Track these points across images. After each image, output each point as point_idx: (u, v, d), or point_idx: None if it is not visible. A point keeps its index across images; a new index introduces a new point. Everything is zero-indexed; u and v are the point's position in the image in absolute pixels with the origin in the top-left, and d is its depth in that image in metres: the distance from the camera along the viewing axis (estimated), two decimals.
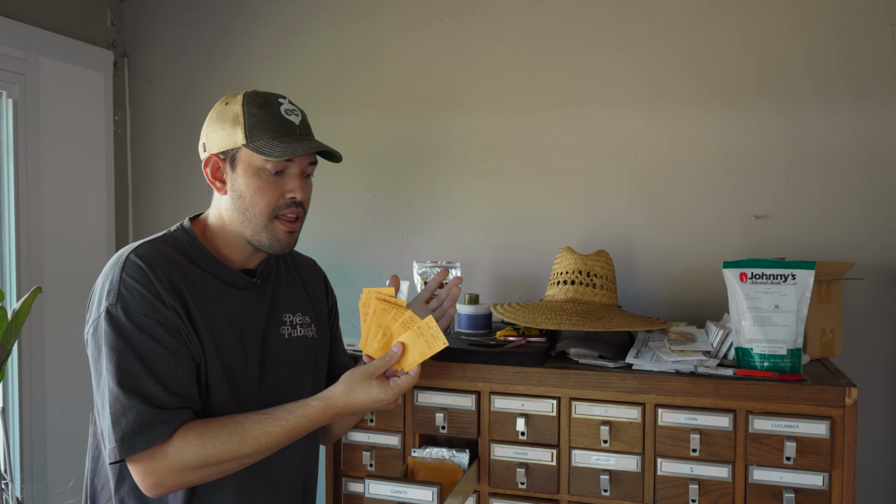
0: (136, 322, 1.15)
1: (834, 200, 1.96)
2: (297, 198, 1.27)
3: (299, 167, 1.28)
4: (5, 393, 2.13)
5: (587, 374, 1.54)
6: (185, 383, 1.17)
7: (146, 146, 2.59)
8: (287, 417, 1.19)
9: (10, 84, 2.13)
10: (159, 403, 1.13)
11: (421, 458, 1.59)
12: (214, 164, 1.29)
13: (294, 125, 1.27)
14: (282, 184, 1.26)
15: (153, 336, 1.16)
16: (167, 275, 1.21)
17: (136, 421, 1.11)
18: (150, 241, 1.27)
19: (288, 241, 1.29)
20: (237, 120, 1.25)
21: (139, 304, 1.16)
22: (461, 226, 2.26)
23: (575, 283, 1.76)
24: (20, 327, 1.70)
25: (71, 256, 2.34)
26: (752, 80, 2.01)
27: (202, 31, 2.50)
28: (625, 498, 1.52)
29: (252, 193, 1.26)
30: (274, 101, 1.27)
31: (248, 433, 1.17)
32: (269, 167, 1.25)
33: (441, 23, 2.26)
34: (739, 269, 1.55)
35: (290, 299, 1.41)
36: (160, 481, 1.14)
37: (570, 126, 2.16)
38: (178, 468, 1.14)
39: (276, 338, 1.35)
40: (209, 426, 1.16)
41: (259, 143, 1.24)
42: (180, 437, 1.13)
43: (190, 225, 1.32)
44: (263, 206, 1.26)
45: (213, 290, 1.27)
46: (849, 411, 1.40)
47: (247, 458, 1.18)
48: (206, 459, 1.14)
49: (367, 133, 2.34)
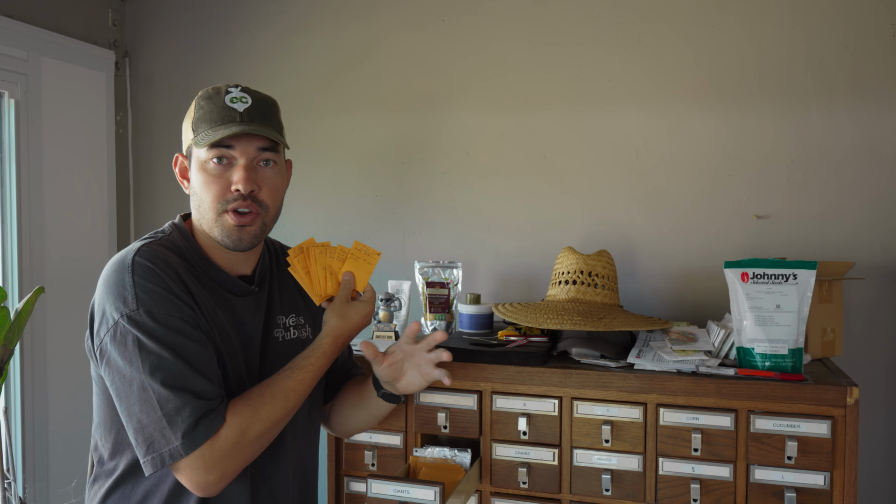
0: (164, 323, 1.14)
1: (835, 200, 1.96)
2: (241, 189, 1.20)
3: (245, 156, 1.21)
4: (7, 392, 2.13)
5: (589, 373, 1.54)
6: (218, 372, 1.20)
7: (147, 146, 2.59)
8: (309, 361, 1.26)
9: (12, 84, 2.13)
10: (208, 395, 1.14)
11: (423, 457, 1.59)
12: (181, 164, 1.29)
13: (236, 112, 1.21)
14: (227, 175, 1.21)
15: (183, 333, 1.15)
16: (177, 274, 1.20)
17: (193, 415, 1.11)
18: (151, 242, 1.24)
19: (239, 236, 1.23)
20: (189, 115, 1.25)
21: (161, 306, 1.14)
22: (462, 226, 2.26)
23: (576, 283, 1.76)
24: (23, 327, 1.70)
25: (73, 256, 2.34)
26: (754, 80, 2.01)
27: (203, 31, 2.51)
28: (626, 497, 1.52)
29: (201, 188, 1.22)
30: (222, 91, 1.24)
31: (286, 388, 1.21)
32: (210, 157, 1.21)
33: (442, 23, 2.26)
34: (741, 269, 1.55)
35: (283, 301, 1.39)
36: (223, 471, 1.14)
37: (571, 126, 2.16)
38: (239, 445, 1.14)
39: (271, 341, 1.34)
40: (250, 396, 1.19)
41: (199, 135, 1.21)
42: (232, 415, 1.15)
43: (183, 224, 1.29)
44: (210, 200, 1.22)
45: (215, 297, 1.26)
46: (850, 411, 1.40)
47: (291, 411, 1.23)
48: (262, 425, 1.17)
49: (368, 133, 2.34)
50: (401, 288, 2.05)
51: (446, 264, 2.05)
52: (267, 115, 1.25)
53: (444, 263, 2.06)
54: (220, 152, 1.21)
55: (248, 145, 1.22)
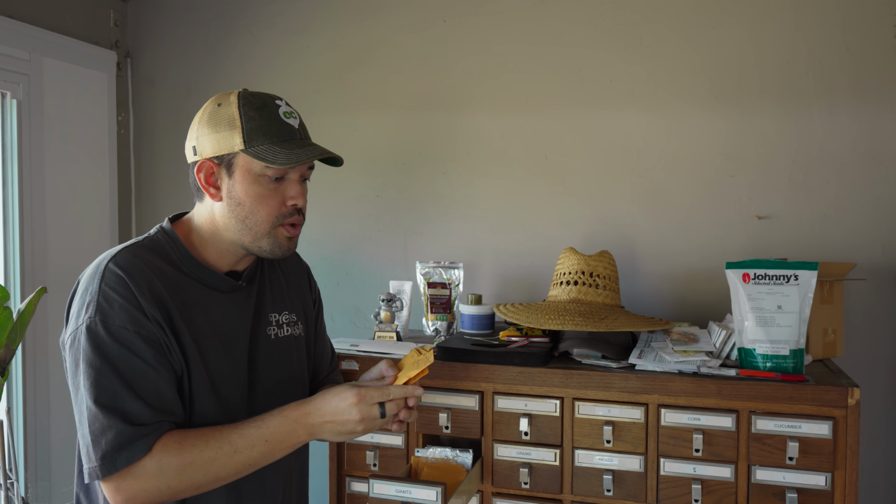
0: (116, 335, 1.11)
1: (836, 201, 1.97)
2: (298, 205, 1.23)
3: (299, 172, 1.23)
4: (10, 392, 2.14)
5: (590, 374, 1.54)
6: (166, 396, 1.14)
7: (149, 146, 2.60)
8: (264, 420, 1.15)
9: (14, 84, 2.13)
10: (139, 420, 1.10)
11: (424, 457, 1.59)
12: (209, 170, 1.22)
13: (294, 129, 1.22)
14: (282, 190, 1.21)
15: (133, 349, 1.12)
16: (149, 283, 1.16)
17: (117, 440, 1.09)
18: (130, 246, 1.22)
19: (289, 247, 1.26)
20: (233, 123, 1.19)
21: (119, 317, 1.12)
22: (464, 226, 2.27)
23: (578, 284, 1.76)
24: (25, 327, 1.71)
25: (74, 256, 2.34)
26: (755, 80, 2.01)
27: (205, 32, 2.51)
28: (628, 498, 1.52)
29: (252, 201, 1.20)
30: (271, 104, 1.22)
31: (226, 438, 1.13)
32: (270, 174, 1.20)
33: (444, 24, 2.27)
34: (742, 270, 1.56)
35: (275, 298, 1.37)
36: (132, 497, 1.11)
37: (572, 126, 2.16)
38: (155, 480, 1.10)
39: (263, 339, 1.31)
40: (188, 434, 1.13)
41: (259, 148, 1.18)
42: (160, 447, 1.11)
43: (171, 227, 1.27)
44: (265, 215, 1.21)
45: (198, 296, 1.23)
46: (851, 412, 1.40)
47: (224, 467, 1.13)
48: (184, 468, 1.11)
49: (369, 133, 2.34)
50: (402, 288, 2.05)
51: (448, 265, 2.06)
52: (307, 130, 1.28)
53: (446, 264, 2.06)
54: (281, 172, 1.20)
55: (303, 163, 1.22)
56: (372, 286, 2.32)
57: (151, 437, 1.10)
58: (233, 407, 1.24)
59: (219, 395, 1.22)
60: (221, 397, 1.22)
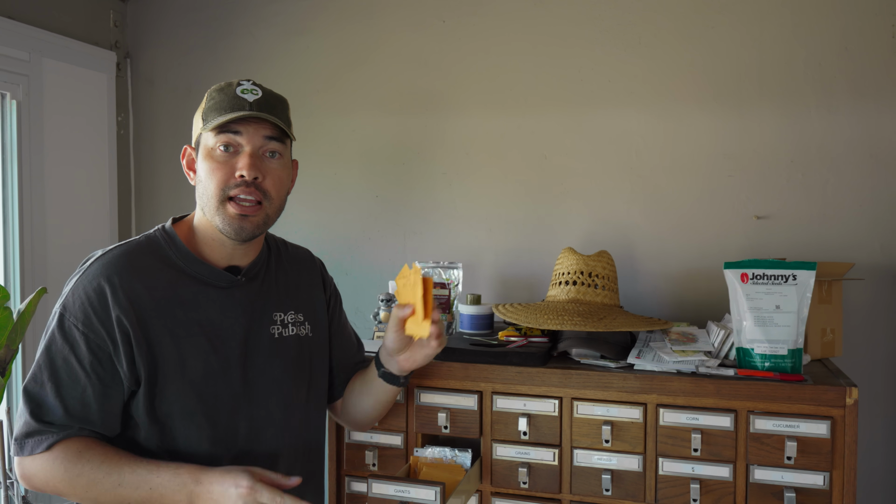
0: (66, 331, 1.16)
1: (835, 201, 1.97)
2: (244, 175, 1.20)
3: (251, 144, 1.21)
4: (10, 393, 2.14)
5: (589, 374, 1.54)
6: (88, 405, 1.16)
7: (149, 147, 2.60)
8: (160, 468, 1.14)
9: (14, 85, 2.14)
10: (48, 419, 1.15)
11: (423, 457, 1.60)
12: (189, 156, 1.29)
13: (245, 101, 1.21)
14: (233, 163, 1.21)
15: (74, 349, 1.16)
16: (128, 285, 1.18)
17: (24, 429, 1.16)
18: (122, 245, 1.25)
19: (241, 225, 1.21)
20: (200, 107, 1.26)
21: (76, 314, 1.16)
22: (463, 226, 2.27)
23: (577, 284, 1.77)
24: (25, 328, 1.71)
25: (74, 256, 2.33)
26: (754, 80, 2.01)
27: (205, 32, 2.51)
28: (626, 497, 1.53)
29: (206, 175, 1.22)
30: (234, 84, 1.24)
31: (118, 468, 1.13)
32: (217, 144, 1.20)
33: (443, 24, 2.27)
34: (740, 270, 1.56)
35: (281, 297, 1.36)
36: (27, 478, 1.17)
37: (571, 127, 2.16)
38: (45, 475, 1.16)
39: (264, 337, 1.30)
40: (92, 448, 1.15)
41: (208, 122, 1.21)
42: (60, 450, 1.14)
43: (171, 226, 1.29)
44: (214, 187, 1.20)
45: (189, 293, 1.23)
46: (849, 411, 1.40)
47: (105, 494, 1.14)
48: (70, 478, 1.14)
49: (368, 133, 2.34)
50: None
51: (447, 265, 2.06)
52: (276, 108, 1.26)
53: (445, 264, 2.07)
54: (228, 139, 1.21)
55: (254, 133, 1.22)
56: (371, 286, 2.32)
57: (52, 437, 1.15)
58: (222, 405, 1.24)
59: (202, 393, 1.22)
60: (207, 395, 1.22)
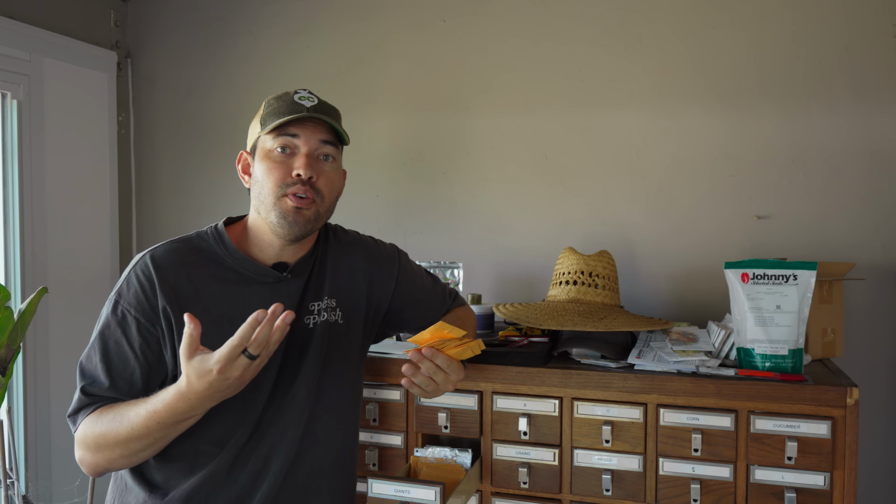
0: (119, 315, 1.23)
1: (835, 201, 1.97)
2: (301, 174, 1.25)
3: (307, 146, 1.27)
4: (11, 392, 2.14)
5: (589, 374, 1.54)
6: (134, 384, 1.22)
7: (149, 147, 2.60)
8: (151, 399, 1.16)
9: (15, 85, 2.14)
10: (99, 391, 1.21)
11: (424, 457, 1.60)
12: (244, 161, 1.35)
13: (303, 107, 1.27)
14: (290, 163, 1.27)
15: (125, 332, 1.22)
16: (174, 279, 1.24)
17: (76, 405, 1.22)
18: (173, 240, 1.31)
19: (295, 218, 1.26)
20: (257, 114, 1.32)
21: (129, 300, 1.23)
22: (464, 226, 2.27)
23: (577, 284, 1.76)
24: (26, 327, 1.71)
25: (75, 256, 2.35)
26: (754, 80, 2.01)
27: (205, 32, 2.51)
28: (627, 497, 1.53)
29: (263, 175, 1.27)
30: (291, 92, 1.31)
31: (124, 415, 1.17)
32: (275, 146, 1.26)
33: (443, 23, 2.27)
34: (741, 270, 1.56)
35: (318, 287, 1.38)
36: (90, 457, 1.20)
37: (572, 126, 2.16)
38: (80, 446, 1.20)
39: (300, 329, 1.33)
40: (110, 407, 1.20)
41: (266, 126, 1.27)
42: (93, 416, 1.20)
43: (222, 225, 1.34)
44: (272, 185, 1.26)
45: (234, 288, 1.28)
46: (850, 411, 1.40)
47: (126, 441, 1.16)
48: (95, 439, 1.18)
49: (369, 134, 2.34)
50: None
51: (447, 264, 2.06)
52: (331, 114, 1.32)
53: (446, 263, 2.07)
54: (285, 141, 1.27)
55: (311, 136, 1.28)
56: None
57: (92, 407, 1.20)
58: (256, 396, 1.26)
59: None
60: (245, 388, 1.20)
